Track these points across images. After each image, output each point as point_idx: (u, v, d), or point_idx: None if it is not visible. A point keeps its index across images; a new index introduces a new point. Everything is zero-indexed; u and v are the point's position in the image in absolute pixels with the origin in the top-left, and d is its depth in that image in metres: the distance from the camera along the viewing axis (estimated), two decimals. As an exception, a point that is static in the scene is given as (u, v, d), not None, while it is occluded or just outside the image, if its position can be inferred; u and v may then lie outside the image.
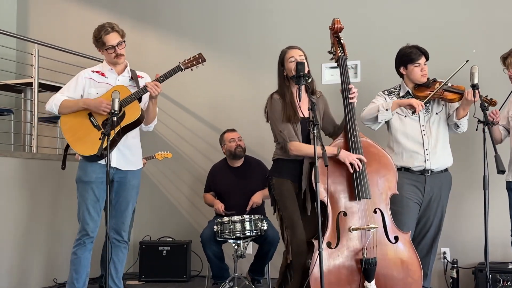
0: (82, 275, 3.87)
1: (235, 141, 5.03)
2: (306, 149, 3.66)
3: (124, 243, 3.99)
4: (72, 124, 3.87)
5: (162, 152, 5.13)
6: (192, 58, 3.98)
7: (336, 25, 3.86)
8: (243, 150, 5.06)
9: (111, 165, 3.82)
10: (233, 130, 5.12)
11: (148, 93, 3.85)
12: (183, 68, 3.94)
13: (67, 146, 3.96)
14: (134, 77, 3.99)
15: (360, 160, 3.62)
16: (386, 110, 3.95)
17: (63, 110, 3.88)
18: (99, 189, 3.85)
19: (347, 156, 3.62)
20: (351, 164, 3.61)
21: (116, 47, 3.88)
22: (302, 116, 3.67)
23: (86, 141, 3.82)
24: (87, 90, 3.92)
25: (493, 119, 3.88)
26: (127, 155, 3.90)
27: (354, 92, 3.78)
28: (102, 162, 3.81)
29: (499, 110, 4.02)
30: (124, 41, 3.95)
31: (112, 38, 3.88)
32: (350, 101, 3.76)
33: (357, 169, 3.60)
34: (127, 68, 4.03)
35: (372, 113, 4.03)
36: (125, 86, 3.88)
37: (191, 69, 3.98)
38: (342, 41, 3.89)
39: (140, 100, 3.87)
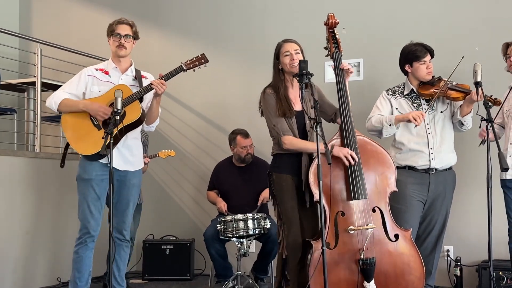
0: (84, 274, 3.87)
1: (247, 149, 5.02)
2: (301, 143, 3.65)
3: (125, 242, 3.99)
4: (73, 123, 3.87)
5: (166, 150, 5.12)
6: (195, 59, 3.96)
7: (330, 20, 3.82)
8: (252, 156, 5.06)
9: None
10: (246, 136, 5.04)
11: (150, 93, 3.84)
12: (185, 68, 3.92)
13: (67, 144, 3.95)
14: (138, 77, 3.98)
15: (354, 158, 3.59)
16: (390, 125, 3.95)
17: (62, 108, 3.88)
18: (100, 187, 3.85)
19: (340, 150, 3.59)
20: (346, 158, 3.58)
21: (122, 36, 3.90)
22: (295, 110, 3.66)
23: (86, 140, 3.82)
24: (90, 88, 3.92)
25: (484, 136, 3.78)
26: (126, 155, 3.89)
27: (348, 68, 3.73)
28: (102, 161, 3.81)
29: (499, 110, 4.01)
30: (133, 38, 3.98)
31: (122, 29, 3.92)
32: (348, 71, 3.72)
33: (352, 163, 3.56)
34: (131, 67, 4.02)
35: (377, 126, 4.03)
36: (127, 85, 3.87)
37: (194, 70, 3.97)
38: (337, 37, 3.83)
39: (141, 100, 3.86)
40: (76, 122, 3.86)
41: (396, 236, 3.62)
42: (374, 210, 3.62)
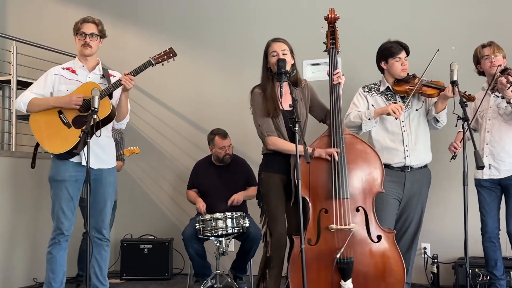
0: (59, 275, 3.84)
1: (225, 149, 5.00)
2: (283, 144, 3.66)
3: (106, 241, 3.96)
4: (42, 122, 3.83)
5: (130, 148, 5.09)
6: (163, 53, 3.94)
7: (330, 15, 3.83)
8: (230, 157, 5.04)
9: (83, 164, 3.80)
10: (224, 136, 5.00)
11: (118, 90, 3.83)
12: (153, 63, 3.90)
13: (37, 144, 3.92)
14: (106, 76, 3.96)
15: (341, 156, 3.62)
16: (369, 119, 3.97)
17: (32, 108, 3.84)
18: (73, 188, 3.83)
19: (323, 151, 3.63)
20: (330, 156, 3.61)
21: (87, 35, 3.86)
22: (282, 109, 3.65)
23: (56, 139, 3.78)
24: (57, 87, 3.88)
25: (454, 152, 4.06)
26: (99, 154, 3.85)
27: (338, 74, 3.76)
28: (74, 160, 3.79)
29: (474, 114, 4.06)
30: (100, 36, 3.93)
31: (88, 27, 3.89)
32: (334, 82, 3.75)
33: (336, 159, 3.60)
34: (98, 66, 3.99)
35: (355, 121, 4.04)
36: (95, 83, 3.84)
37: (162, 64, 3.94)
38: (336, 33, 3.84)
39: (111, 96, 3.84)
40: (45, 122, 3.82)
41: (379, 237, 3.63)
42: (358, 210, 3.64)
